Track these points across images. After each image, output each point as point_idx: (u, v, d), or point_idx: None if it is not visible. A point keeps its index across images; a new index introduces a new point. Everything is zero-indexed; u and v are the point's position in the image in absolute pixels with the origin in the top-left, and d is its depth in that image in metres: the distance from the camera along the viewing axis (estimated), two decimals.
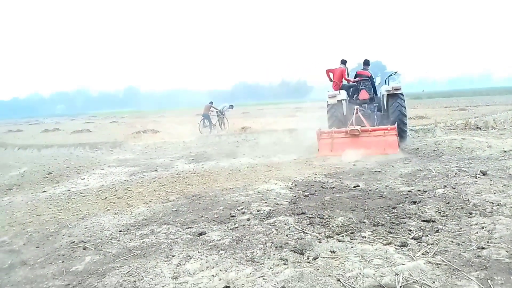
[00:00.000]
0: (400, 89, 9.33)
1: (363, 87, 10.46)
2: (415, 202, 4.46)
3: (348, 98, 10.28)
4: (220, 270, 3.02)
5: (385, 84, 10.44)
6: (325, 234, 3.63)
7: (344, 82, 10.64)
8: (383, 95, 9.83)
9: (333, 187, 5.52)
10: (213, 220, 4.34)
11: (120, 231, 4.22)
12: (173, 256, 3.39)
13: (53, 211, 5.32)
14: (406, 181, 5.70)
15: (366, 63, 10.68)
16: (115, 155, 11.17)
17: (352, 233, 3.62)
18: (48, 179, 7.76)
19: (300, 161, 8.22)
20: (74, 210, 5.27)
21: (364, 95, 10.36)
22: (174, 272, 3.06)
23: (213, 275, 2.96)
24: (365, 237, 3.50)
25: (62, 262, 3.49)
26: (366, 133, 8.54)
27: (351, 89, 10.73)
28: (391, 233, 3.55)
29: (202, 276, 2.96)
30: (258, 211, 4.56)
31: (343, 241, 3.43)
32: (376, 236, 3.50)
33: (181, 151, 11.15)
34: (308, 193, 5.28)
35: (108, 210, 5.15)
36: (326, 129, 9.20)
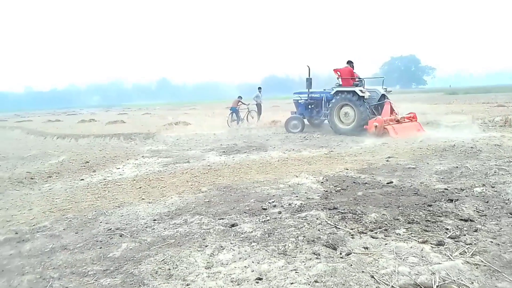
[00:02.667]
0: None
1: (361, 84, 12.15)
2: (452, 200, 4.34)
3: None
4: (253, 262, 3.06)
5: None
6: (358, 230, 3.60)
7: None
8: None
9: (366, 183, 5.45)
10: (245, 212, 4.38)
11: (154, 220, 4.33)
12: (206, 246, 3.45)
13: (90, 198, 5.52)
14: (442, 178, 5.54)
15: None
16: (148, 146, 11.44)
17: (386, 229, 3.57)
18: (85, 168, 8.05)
19: (331, 155, 8.14)
20: (111, 198, 5.44)
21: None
22: (208, 262, 3.12)
23: (245, 266, 2.99)
24: (400, 234, 3.44)
25: (100, 248, 3.63)
26: (406, 120, 11.41)
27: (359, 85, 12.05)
28: (426, 231, 3.47)
29: (235, 267, 3.00)
30: (289, 204, 4.57)
31: (377, 238, 3.39)
32: (411, 233, 3.43)
33: (212, 143, 11.28)
34: (339, 188, 5.24)
35: (143, 199, 5.30)
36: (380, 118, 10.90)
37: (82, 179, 6.96)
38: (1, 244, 3.89)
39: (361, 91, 11.42)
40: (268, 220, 4.06)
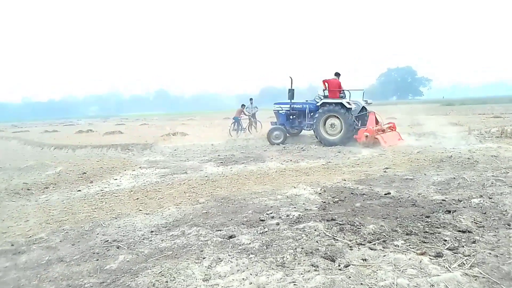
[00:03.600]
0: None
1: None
2: (450, 212, 4.34)
3: None
4: (251, 274, 3.04)
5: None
6: (356, 242, 3.59)
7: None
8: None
9: (364, 194, 5.45)
10: (243, 224, 4.36)
11: (151, 232, 4.31)
12: (203, 258, 3.43)
13: (87, 210, 5.50)
14: (440, 189, 5.55)
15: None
16: (146, 157, 11.41)
17: (384, 241, 3.56)
18: (82, 179, 8.02)
19: (329, 166, 8.15)
20: (108, 210, 5.42)
21: None
22: (205, 274, 3.10)
23: (243, 279, 2.98)
24: (398, 246, 3.43)
25: (97, 260, 3.60)
26: (388, 129, 12.07)
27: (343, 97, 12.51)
28: (425, 242, 3.47)
29: (233, 279, 2.98)
30: (287, 215, 4.56)
31: (375, 249, 3.38)
32: (409, 245, 3.43)
33: (210, 154, 11.27)
34: (337, 199, 5.23)
35: (140, 210, 5.28)
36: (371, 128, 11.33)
37: (79, 190, 6.93)
38: None
39: (348, 103, 11.88)
40: (266, 231, 4.04)
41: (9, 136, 24.78)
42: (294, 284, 2.80)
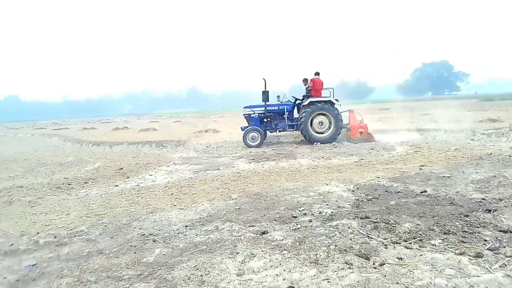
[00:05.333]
0: None
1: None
2: (490, 211, 4.18)
3: None
4: (284, 270, 3.05)
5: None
6: (392, 240, 3.52)
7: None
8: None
9: (398, 192, 5.33)
10: (275, 220, 4.38)
11: (186, 226, 4.40)
12: (237, 253, 3.47)
13: (124, 204, 5.68)
14: (479, 188, 5.35)
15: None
16: (179, 153, 11.65)
17: (420, 240, 3.48)
18: (119, 174, 8.28)
19: (362, 163, 8.02)
20: (144, 204, 5.58)
21: None
22: (239, 269, 3.14)
23: (277, 275, 2.99)
24: (435, 245, 3.34)
25: (134, 253, 3.72)
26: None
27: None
28: (464, 242, 3.36)
29: (266, 275, 3.00)
30: (320, 213, 4.53)
31: (411, 248, 3.31)
32: (447, 244, 3.33)
33: (241, 151, 11.36)
34: (371, 196, 5.15)
35: (175, 205, 5.40)
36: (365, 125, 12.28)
37: (116, 185, 7.16)
38: (41, 247, 4.07)
39: (336, 100, 12.18)
40: (299, 228, 4.04)
41: (50, 133, 25.91)
42: (328, 281, 2.79)
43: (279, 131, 13.07)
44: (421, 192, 5.22)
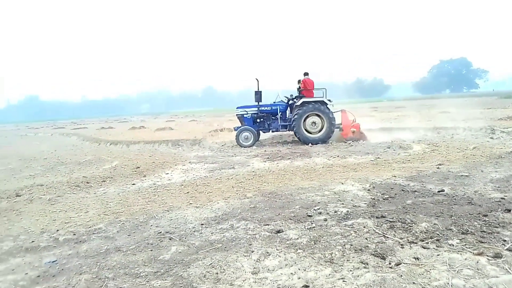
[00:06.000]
0: None
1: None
2: (510, 211, 4.10)
3: None
4: (299, 269, 3.05)
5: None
6: (408, 240, 3.49)
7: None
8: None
9: (415, 191, 5.27)
10: (290, 219, 4.38)
11: (202, 224, 4.44)
12: (252, 252, 3.49)
13: (141, 202, 5.76)
14: (498, 187, 5.24)
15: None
16: (195, 152, 11.74)
17: (438, 240, 3.43)
18: (136, 173, 8.39)
19: (378, 162, 7.94)
20: (160, 203, 5.64)
21: None
22: (254, 267, 3.16)
23: (292, 273, 2.99)
24: (453, 245, 3.29)
25: (151, 250, 3.77)
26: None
27: None
28: (482, 242, 3.30)
29: (281, 274, 3.01)
30: (335, 212, 4.51)
31: (428, 248, 3.27)
32: (465, 244, 3.28)
33: (256, 150, 11.38)
34: (387, 196, 5.10)
35: (190, 204, 5.45)
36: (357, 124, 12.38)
37: (133, 184, 7.26)
38: (61, 244, 4.16)
39: (329, 100, 12.21)
40: (314, 227, 4.03)
41: (69, 133, 26.45)
42: (343, 281, 2.78)
43: (272, 131, 13.06)
44: (439, 191, 5.15)
